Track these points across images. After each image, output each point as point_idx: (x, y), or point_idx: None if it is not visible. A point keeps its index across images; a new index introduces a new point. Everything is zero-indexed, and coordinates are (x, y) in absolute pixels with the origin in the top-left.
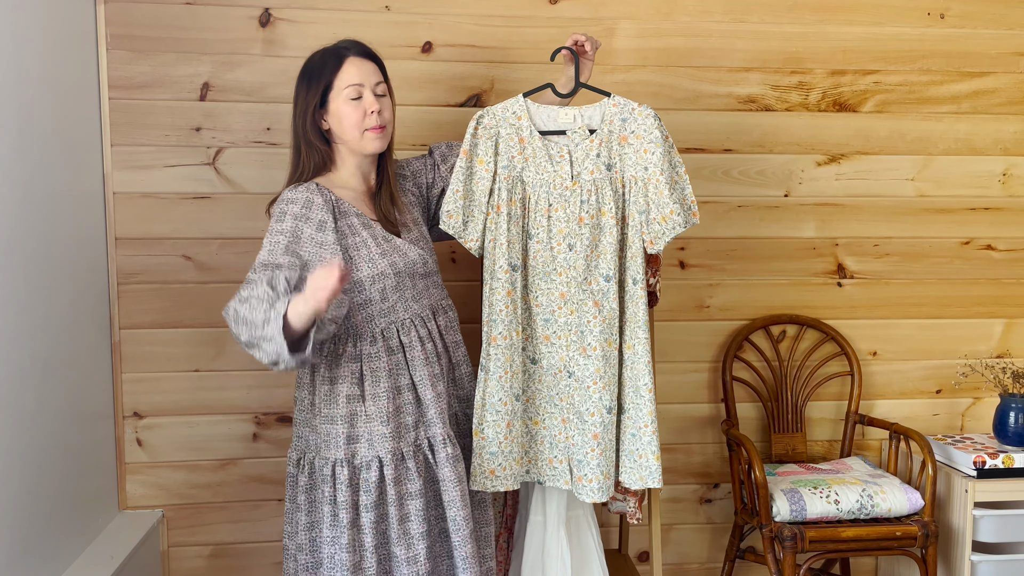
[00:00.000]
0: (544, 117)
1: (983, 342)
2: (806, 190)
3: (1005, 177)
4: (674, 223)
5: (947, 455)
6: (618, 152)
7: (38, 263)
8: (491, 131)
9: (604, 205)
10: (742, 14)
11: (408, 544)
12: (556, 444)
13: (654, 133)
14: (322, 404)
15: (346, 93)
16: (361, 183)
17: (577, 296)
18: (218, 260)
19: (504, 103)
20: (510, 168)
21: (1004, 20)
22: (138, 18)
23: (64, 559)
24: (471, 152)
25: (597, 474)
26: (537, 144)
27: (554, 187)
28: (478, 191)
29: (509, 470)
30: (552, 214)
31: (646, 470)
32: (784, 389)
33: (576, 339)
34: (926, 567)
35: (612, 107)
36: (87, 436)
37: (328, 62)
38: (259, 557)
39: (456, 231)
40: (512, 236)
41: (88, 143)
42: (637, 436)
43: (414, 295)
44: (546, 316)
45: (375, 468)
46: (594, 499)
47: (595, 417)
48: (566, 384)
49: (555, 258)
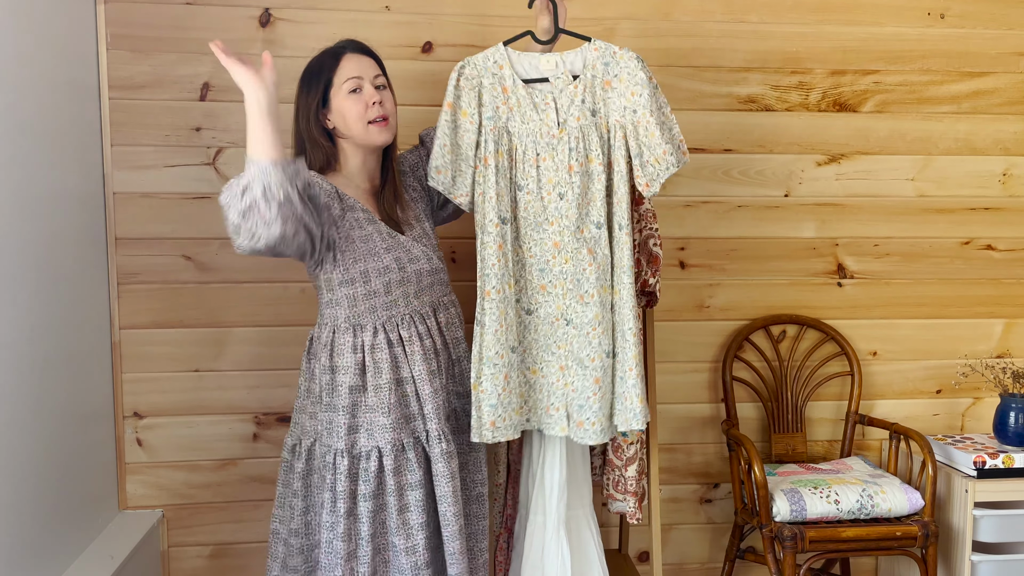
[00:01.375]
0: (526, 65)
1: (983, 342)
2: (806, 190)
3: (1005, 177)
4: (668, 163)
5: (947, 455)
6: (602, 97)
7: (38, 263)
8: (473, 82)
9: (591, 152)
10: (742, 14)
11: (407, 534)
12: (554, 392)
13: (639, 75)
14: (323, 393)
15: (346, 87)
16: (365, 181)
17: (571, 245)
18: (218, 260)
19: (484, 52)
20: (495, 119)
21: (1004, 20)
22: (138, 18)
23: (64, 559)
24: (455, 104)
25: (600, 416)
26: (521, 93)
27: (541, 136)
28: (464, 144)
29: (509, 420)
30: (541, 163)
31: (631, 412)
32: (784, 389)
33: (572, 287)
34: (926, 567)
35: (593, 52)
36: (87, 436)
37: (326, 61)
38: (259, 557)
39: (445, 187)
40: (501, 188)
41: (88, 143)
42: (624, 379)
43: (416, 291)
44: (540, 266)
45: (374, 458)
46: (595, 441)
47: (595, 362)
48: (563, 332)
49: (546, 208)
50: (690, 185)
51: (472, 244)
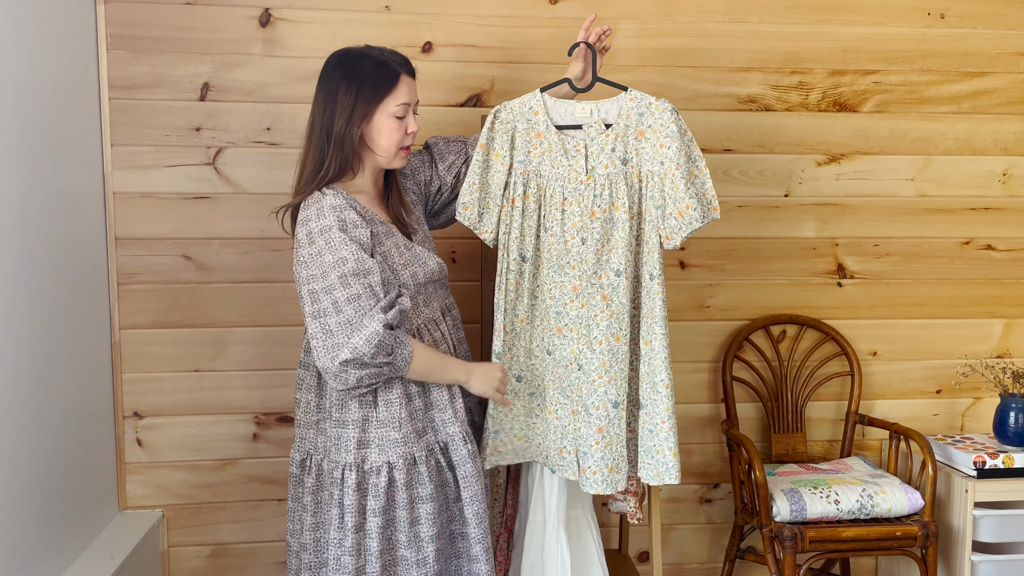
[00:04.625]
0: (561, 111)
1: (983, 342)
2: (806, 190)
3: (1005, 177)
4: (690, 218)
5: (947, 455)
6: (634, 146)
7: (38, 263)
8: (508, 125)
9: (617, 200)
10: (742, 14)
11: (418, 547)
12: (566, 435)
13: (671, 127)
14: (332, 407)
15: (394, 111)
16: (373, 187)
17: (587, 290)
18: (218, 260)
19: (522, 98)
20: (526, 163)
21: (1004, 20)
22: (138, 18)
23: (64, 559)
24: (488, 146)
25: (601, 467)
26: (553, 138)
27: (568, 181)
28: (493, 184)
29: (511, 446)
30: (566, 208)
31: (663, 466)
32: (784, 389)
33: (584, 332)
34: (926, 567)
35: (629, 101)
36: (87, 436)
37: (386, 76)
38: (259, 557)
39: (472, 223)
40: (525, 229)
41: (88, 143)
42: (654, 432)
43: (425, 299)
44: (558, 309)
45: (384, 473)
46: (597, 491)
47: (600, 411)
48: (576, 377)
49: (568, 251)
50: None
51: (472, 244)
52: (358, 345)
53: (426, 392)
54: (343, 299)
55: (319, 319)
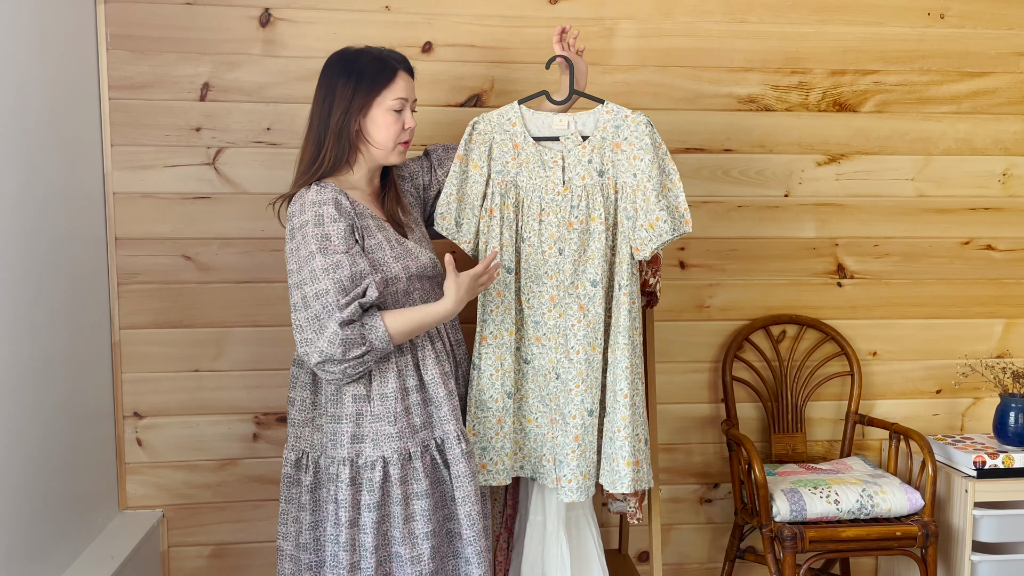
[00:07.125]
0: (539, 123)
1: (983, 342)
2: (806, 190)
3: (1005, 177)
4: (661, 231)
5: (947, 455)
6: (611, 158)
7: (38, 263)
8: (485, 136)
9: (594, 211)
10: (742, 14)
11: (412, 544)
12: (545, 443)
13: (645, 140)
14: (327, 403)
15: (391, 104)
16: (368, 184)
17: (564, 300)
18: (218, 260)
19: (500, 110)
20: (503, 173)
21: (1004, 20)
22: (138, 18)
23: (64, 559)
24: (465, 156)
25: (576, 474)
26: (531, 150)
27: (546, 192)
28: (471, 194)
29: (501, 464)
30: (543, 218)
31: (616, 474)
32: (784, 389)
33: (562, 342)
34: (926, 567)
35: (606, 114)
36: (87, 436)
37: (384, 71)
38: (259, 557)
39: (450, 232)
40: (505, 239)
41: (88, 143)
42: (612, 440)
43: (422, 296)
44: (536, 318)
45: (379, 468)
46: (572, 499)
47: (576, 420)
48: (554, 385)
49: (546, 261)
50: (690, 185)
51: None
52: (324, 348)
53: (423, 388)
54: (311, 294)
55: (293, 313)
